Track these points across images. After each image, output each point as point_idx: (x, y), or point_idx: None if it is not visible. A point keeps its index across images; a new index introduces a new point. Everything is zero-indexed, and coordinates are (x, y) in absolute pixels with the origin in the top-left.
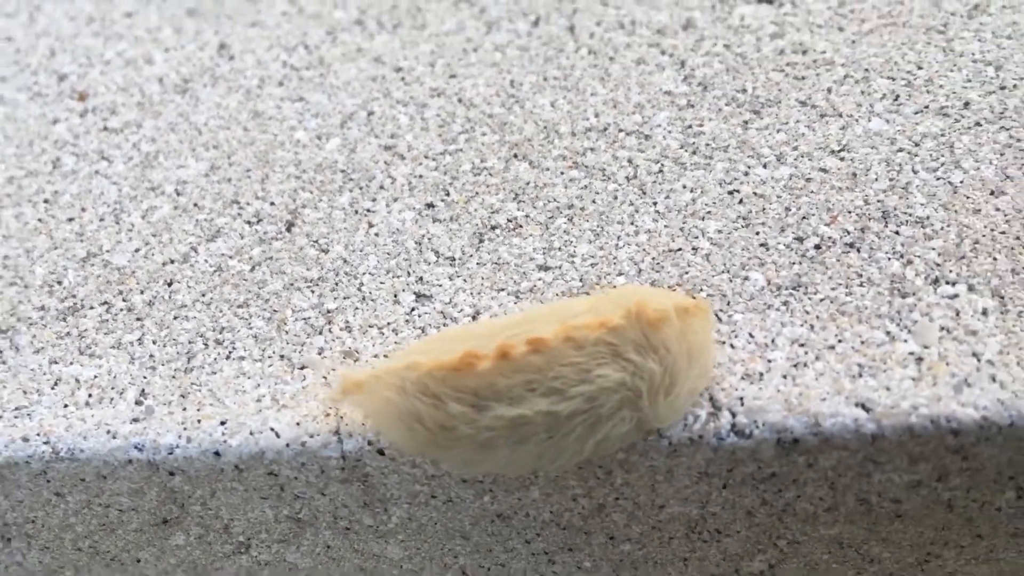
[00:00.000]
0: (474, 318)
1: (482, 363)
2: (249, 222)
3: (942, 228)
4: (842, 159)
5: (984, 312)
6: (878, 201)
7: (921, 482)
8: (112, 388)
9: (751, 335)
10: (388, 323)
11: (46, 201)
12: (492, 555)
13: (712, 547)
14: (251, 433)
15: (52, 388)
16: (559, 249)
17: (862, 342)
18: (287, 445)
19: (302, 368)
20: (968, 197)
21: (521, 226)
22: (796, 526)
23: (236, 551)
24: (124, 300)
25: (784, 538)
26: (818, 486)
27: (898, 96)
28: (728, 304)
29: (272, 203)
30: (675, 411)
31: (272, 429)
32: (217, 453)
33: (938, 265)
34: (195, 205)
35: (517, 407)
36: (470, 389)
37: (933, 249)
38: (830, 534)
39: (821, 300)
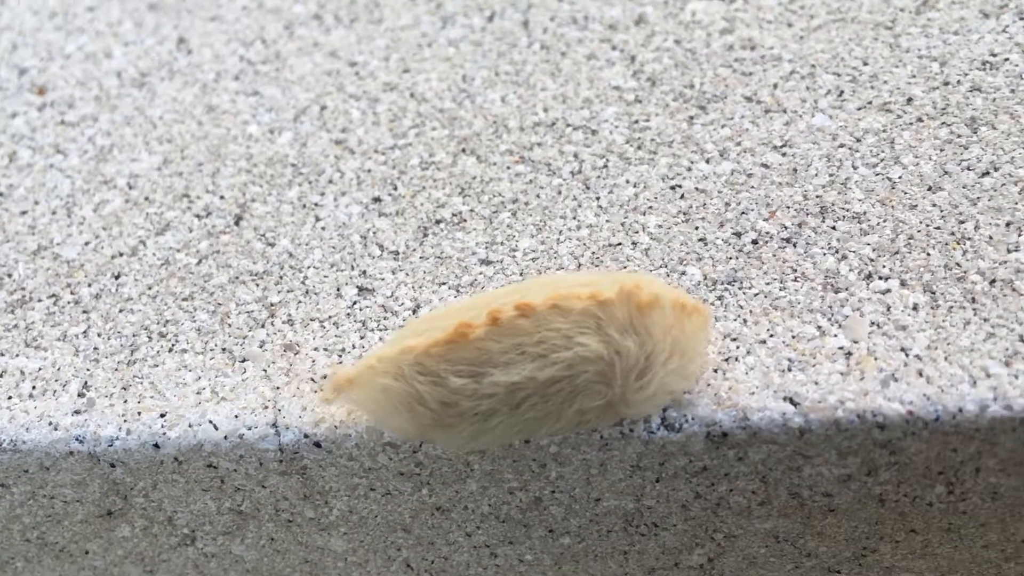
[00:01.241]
0: (414, 312)
1: (475, 331)
2: (198, 216)
3: (878, 223)
4: (784, 155)
5: (915, 307)
6: (817, 196)
7: (851, 476)
8: (56, 380)
9: None
10: (329, 316)
11: (0, 195)
12: (434, 548)
13: (650, 540)
14: (190, 425)
15: None
16: (501, 243)
17: (793, 337)
18: (225, 438)
19: (243, 361)
20: (906, 193)
21: (465, 220)
22: (731, 520)
23: (182, 543)
24: (72, 293)
25: (720, 532)
26: (750, 480)
27: (842, 92)
28: None
29: (222, 197)
30: (643, 400)
31: (210, 421)
32: (156, 445)
33: (872, 260)
34: (146, 199)
35: (511, 372)
36: (467, 360)
37: (868, 244)
38: (765, 528)
39: (755, 295)
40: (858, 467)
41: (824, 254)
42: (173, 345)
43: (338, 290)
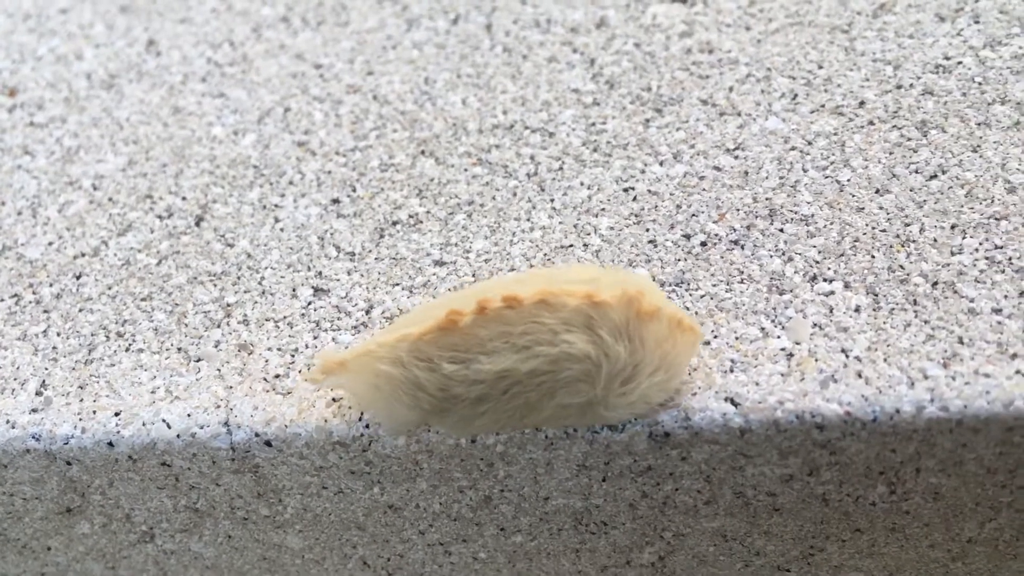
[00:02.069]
0: (367, 312)
1: (464, 319)
2: (160, 216)
3: (825, 226)
4: (736, 157)
5: (857, 309)
6: (766, 199)
7: (793, 476)
8: (14, 379)
9: None
10: (284, 317)
11: None
12: (389, 546)
13: (601, 539)
14: (143, 424)
15: None
16: (455, 245)
17: (737, 338)
18: (178, 436)
19: (198, 360)
20: (853, 195)
21: (421, 222)
22: (679, 518)
23: (141, 540)
24: (34, 293)
25: (669, 530)
26: (694, 479)
27: (796, 95)
28: None
29: (184, 198)
30: (623, 405)
31: (164, 420)
32: (111, 443)
33: (817, 262)
34: (110, 199)
35: (497, 360)
36: (458, 346)
37: (814, 247)
38: (713, 527)
39: (702, 296)
40: (799, 467)
41: (771, 256)
42: (130, 345)
43: (294, 291)
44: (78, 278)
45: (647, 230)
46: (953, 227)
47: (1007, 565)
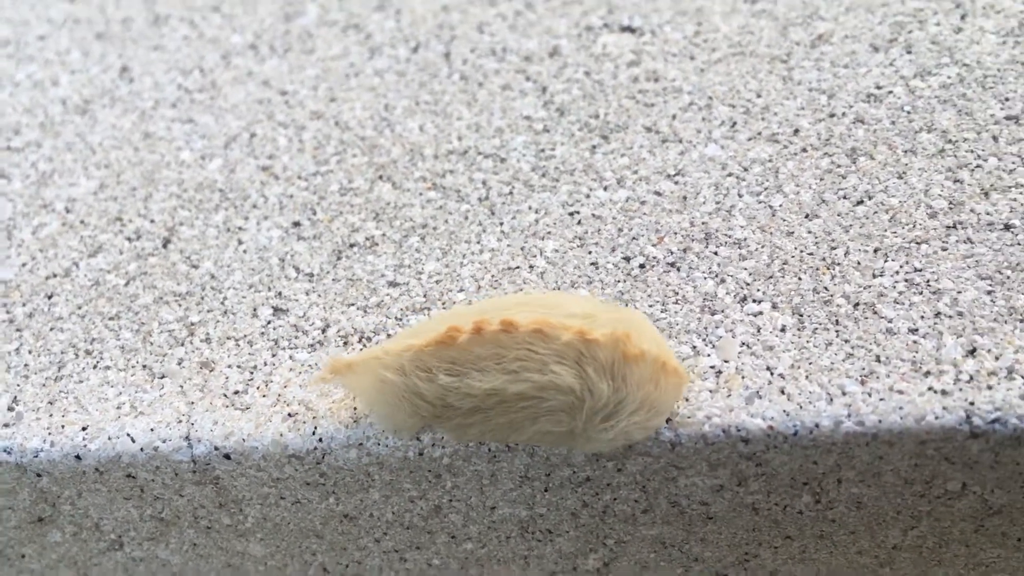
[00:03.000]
0: (323, 331)
1: (461, 336)
2: (129, 238)
3: (757, 249)
4: (676, 183)
5: (783, 329)
6: (703, 223)
7: (723, 486)
8: None
9: None
10: (244, 335)
11: None
12: (347, 553)
13: (547, 546)
14: (109, 438)
15: None
16: (408, 266)
17: None
18: (141, 450)
19: (162, 377)
20: (784, 220)
21: (377, 244)
22: (619, 526)
23: (110, 548)
24: (7, 312)
25: (611, 538)
26: (631, 489)
27: (735, 123)
28: None
29: (152, 220)
30: (602, 441)
31: (128, 434)
32: (78, 456)
33: (748, 284)
34: (81, 222)
35: (487, 379)
36: (454, 360)
37: (746, 269)
38: (651, 534)
39: None
40: (728, 478)
41: (705, 278)
42: (98, 362)
43: (254, 310)
44: (50, 298)
45: (589, 252)
46: (876, 250)
47: (932, 571)
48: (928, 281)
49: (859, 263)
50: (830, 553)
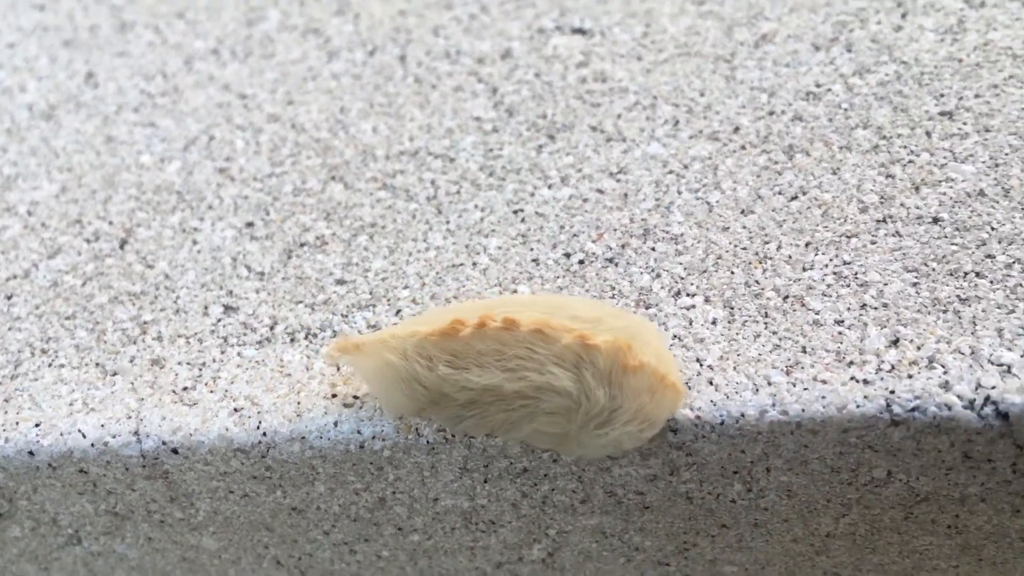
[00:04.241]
0: (271, 328)
1: (464, 329)
2: (88, 240)
3: (693, 244)
4: (618, 181)
5: (714, 321)
6: (642, 220)
7: (657, 476)
8: None
9: None
10: (195, 333)
11: None
12: (298, 546)
13: (491, 536)
14: (61, 434)
15: None
16: (356, 264)
17: None
18: (92, 445)
19: (114, 375)
20: (721, 216)
21: (327, 243)
22: (559, 517)
23: (69, 542)
24: None
25: (552, 528)
26: (567, 480)
27: (678, 121)
28: None
29: (110, 222)
30: (594, 447)
31: (79, 430)
32: (31, 452)
33: (682, 278)
34: (42, 224)
35: (485, 374)
36: (456, 352)
37: (681, 264)
38: (591, 524)
39: None
40: (661, 467)
41: (641, 273)
42: (53, 360)
43: (206, 309)
44: (9, 299)
45: (531, 249)
46: (807, 244)
47: (867, 558)
48: (856, 274)
49: (790, 257)
50: (766, 541)
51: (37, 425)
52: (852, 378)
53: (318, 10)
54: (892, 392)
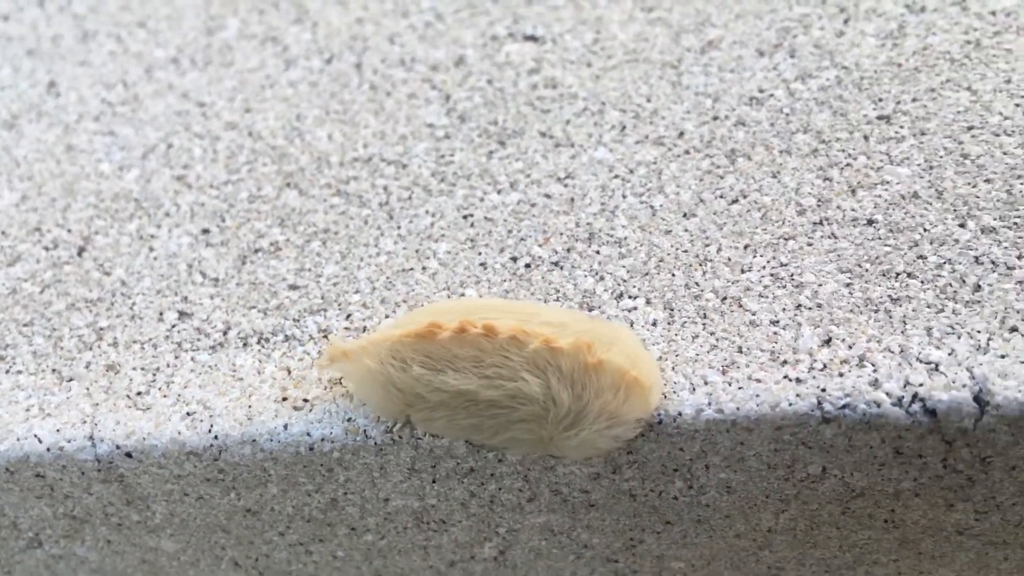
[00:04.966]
0: (224, 333)
1: (443, 333)
2: (47, 248)
3: (636, 247)
4: (566, 185)
5: (654, 323)
6: (587, 224)
7: (600, 474)
8: None
9: None
10: (149, 339)
11: None
12: (254, 547)
13: (443, 535)
14: (17, 439)
15: None
16: (309, 270)
17: None
18: (48, 450)
19: (70, 380)
20: (664, 219)
21: (280, 249)
22: (508, 515)
23: (29, 546)
24: None
25: (502, 527)
26: (514, 479)
27: (625, 127)
28: None
29: (69, 230)
30: (570, 449)
31: (35, 435)
32: None
33: (625, 281)
34: (2, 233)
35: (461, 379)
36: (431, 354)
37: (624, 267)
38: (539, 522)
39: None
40: (603, 466)
41: (585, 276)
42: (10, 367)
43: (160, 315)
44: None
45: (479, 253)
46: (746, 247)
47: (809, 552)
48: (792, 275)
49: (729, 259)
50: (710, 537)
51: None
52: (785, 377)
53: (277, 18)
54: (823, 390)
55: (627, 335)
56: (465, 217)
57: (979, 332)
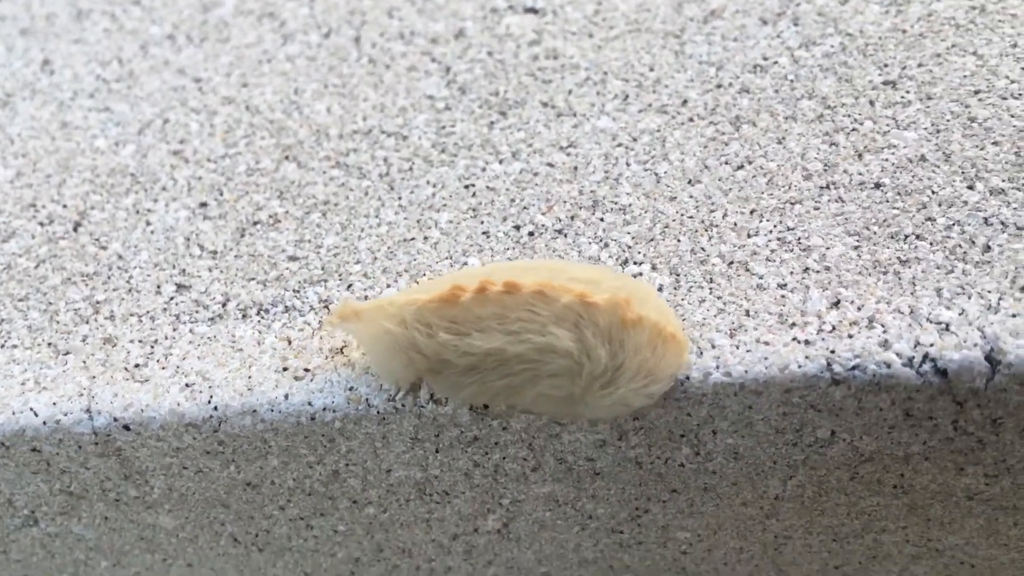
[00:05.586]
0: (223, 305)
1: (465, 295)
2: (42, 223)
3: (640, 214)
4: (568, 154)
5: (660, 288)
6: (591, 192)
7: (606, 441)
8: None
9: None
10: (147, 311)
11: None
12: (254, 522)
13: (446, 507)
14: (13, 413)
15: None
16: (309, 241)
17: None
18: (44, 423)
19: (66, 354)
20: (668, 186)
21: (280, 221)
22: (511, 485)
23: (25, 523)
24: None
25: (506, 497)
26: (518, 448)
27: (628, 96)
28: None
29: (64, 206)
30: (603, 408)
31: (31, 409)
32: None
33: (630, 247)
34: None
35: (487, 339)
36: (456, 318)
37: (629, 233)
38: (544, 492)
39: None
40: (609, 433)
41: (590, 243)
42: (5, 341)
43: (158, 287)
44: None
45: (482, 223)
46: (752, 212)
47: (817, 520)
48: (799, 239)
49: (735, 224)
50: (716, 505)
51: None
52: (794, 339)
53: None
54: (832, 352)
55: (652, 291)
56: (467, 187)
57: (989, 292)
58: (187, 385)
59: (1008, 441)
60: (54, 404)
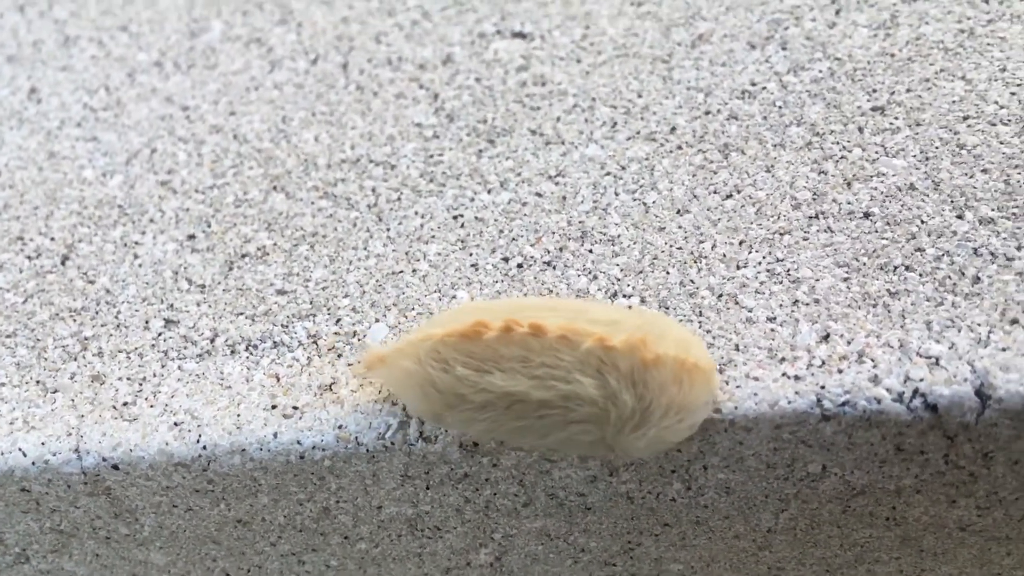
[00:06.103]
0: (212, 341)
1: (488, 333)
2: (29, 257)
3: (629, 245)
4: (557, 183)
5: None
6: (580, 222)
7: (596, 477)
8: None
9: None
10: (135, 348)
11: None
12: (246, 558)
13: (437, 542)
14: (1, 453)
15: None
16: (297, 274)
17: None
18: (33, 463)
19: (54, 392)
20: (657, 216)
21: (268, 254)
22: (503, 520)
23: (17, 561)
24: None
25: (497, 532)
26: (508, 484)
27: (616, 123)
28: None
29: (52, 238)
30: (638, 448)
31: (20, 449)
32: None
33: (619, 280)
34: None
35: (510, 380)
36: (476, 355)
37: (618, 265)
38: (536, 527)
39: None
40: (599, 468)
41: (578, 275)
42: None
43: (146, 323)
44: None
45: (471, 254)
46: (741, 243)
47: (810, 552)
48: (788, 271)
49: (724, 255)
50: (709, 539)
51: None
52: (783, 374)
53: (261, 20)
54: (823, 387)
55: (670, 322)
56: (455, 217)
57: (979, 325)
58: (176, 424)
59: (1000, 474)
60: (43, 444)
